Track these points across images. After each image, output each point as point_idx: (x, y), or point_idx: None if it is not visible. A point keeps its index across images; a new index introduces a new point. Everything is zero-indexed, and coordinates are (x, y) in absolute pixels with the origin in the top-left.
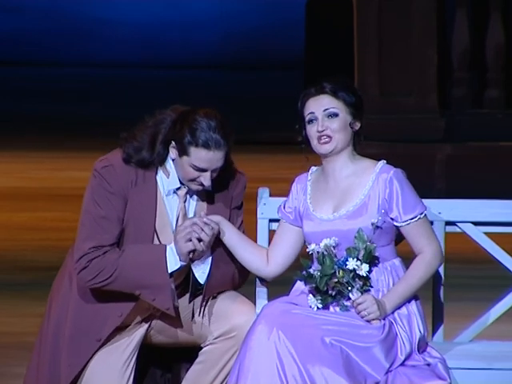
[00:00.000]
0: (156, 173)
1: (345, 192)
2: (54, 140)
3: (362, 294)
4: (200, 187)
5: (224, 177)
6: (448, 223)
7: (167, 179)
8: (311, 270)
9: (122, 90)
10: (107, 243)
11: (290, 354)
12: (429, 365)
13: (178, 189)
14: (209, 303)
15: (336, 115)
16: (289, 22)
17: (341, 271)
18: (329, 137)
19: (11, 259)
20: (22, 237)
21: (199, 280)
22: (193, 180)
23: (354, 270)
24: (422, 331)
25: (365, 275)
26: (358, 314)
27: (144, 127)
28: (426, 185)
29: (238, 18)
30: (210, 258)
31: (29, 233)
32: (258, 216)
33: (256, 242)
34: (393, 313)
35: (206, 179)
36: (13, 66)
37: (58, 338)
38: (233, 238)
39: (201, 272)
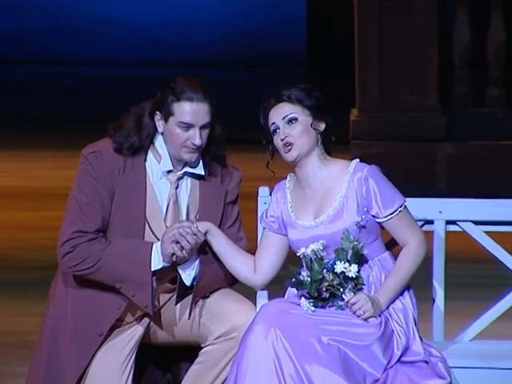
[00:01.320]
0: (145, 160)
1: (323, 197)
2: (54, 139)
3: (354, 293)
4: (193, 154)
5: (217, 171)
6: (449, 222)
7: (158, 164)
8: (301, 277)
9: (122, 88)
10: (91, 230)
11: (287, 353)
12: (427, 362)
13: (170, 172)
14: (208, 303)
15: (295, 120)
16: (290, 21)
17: (331, 274)
18: (291, 144)
19: (11, 258)
20: (22, 236)
21: (185, 282)
22: (184, 146)
23: (343, 272)
24: (416, 319)
25: (354, 276)
26: (354, 313)
27: (129, 115)
28: (426, 184)
29: (240, 17)
30: (197, 261)
31: (29, 232)
32: (259, 215)
33: (256, 240)
34: (387, 308)
35: (195, 138)
36: (13, 64)
37: (56, 337)
38: (221, 245)
39: (187, 274)
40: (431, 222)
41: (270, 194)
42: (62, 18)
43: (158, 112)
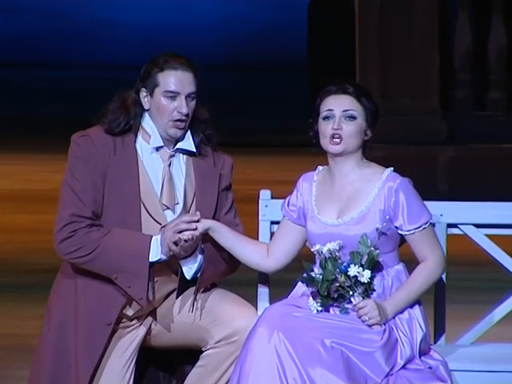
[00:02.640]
0: (135, 141)
1: (350, 197)
2: (54, 142)
3: (363, 298)
4: (180, 130)
5: (209, 153)
6: (450, 225)
7: (148, 145)
8: (313, 273)
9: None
10: (88, 214)
11: (290, 356)
12: (431, 368)
13: (160, 149)
14: (210, 306)
15: (354, 118)
16: (292, 24)
17: (343, 276)
18: (341, 138)
19: (13, 261)
20: (23, 239)
21: (186, 275)
22: (171, 120)
23: (356, 276)
24: (424, 335)
25: (366, 282)
26: (359, 318)
27: (112, 101)
28: (428, 187)
29: (241, 20)
30: (200, 256)
31: (30, 235)
32: (260, 218)
33: None
34: (394, 317)
35: (182, 106)
36: (13, 67)
37: (62, 337)
38: (228, 239)
39: (188, 267)
40: (432, 225)
41: (271, 198)
42: (62, 21)
43: (143, 88)
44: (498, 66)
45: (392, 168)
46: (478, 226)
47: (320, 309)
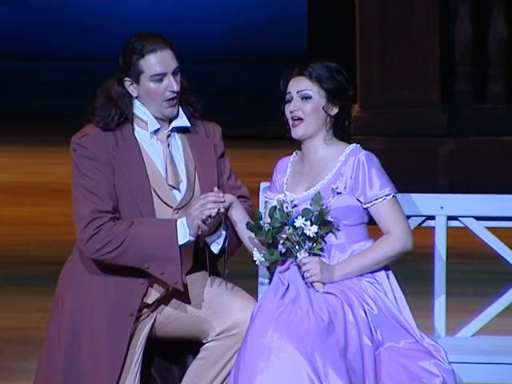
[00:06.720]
0: (133, 130)
1: (317, 174)
2: (56, 134)
3: (310, 255)
4: (173, 107)
5: (199, 124)
6: (450, 218)
7: (145, 131)
8: (261, 222)
9: None
10: (107, 209)
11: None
12: (417, 341)
13: (158, 132)
14: (211, 298)
15: (309, 98)
16: (292, 17)
17: (291, 228)
18: (300, 119)
19: (13, 254)
20: (23, 231)
21: (213, 250)
22: (165, 100)
23: (302, 228)
24: (392, 301)
25: (312, 236)
26: (302, 274)
27: (97, 98)
28: (428, 179)
29: (242, 13)
30: (225, 232)
31: (31, 227)
32: (261, 210)
33: None
34: (360, 298)
35: (172, 85)
36: (14, 60)
37: (75, 333)
38: (244, 219)
39: (216, 243)
40: (433, 218)
41: None
42: (63, 14)
43: (126, 78)
44: (499, 59)
45: (357, 144)
46: (478, 218)
47: (263, 260)
